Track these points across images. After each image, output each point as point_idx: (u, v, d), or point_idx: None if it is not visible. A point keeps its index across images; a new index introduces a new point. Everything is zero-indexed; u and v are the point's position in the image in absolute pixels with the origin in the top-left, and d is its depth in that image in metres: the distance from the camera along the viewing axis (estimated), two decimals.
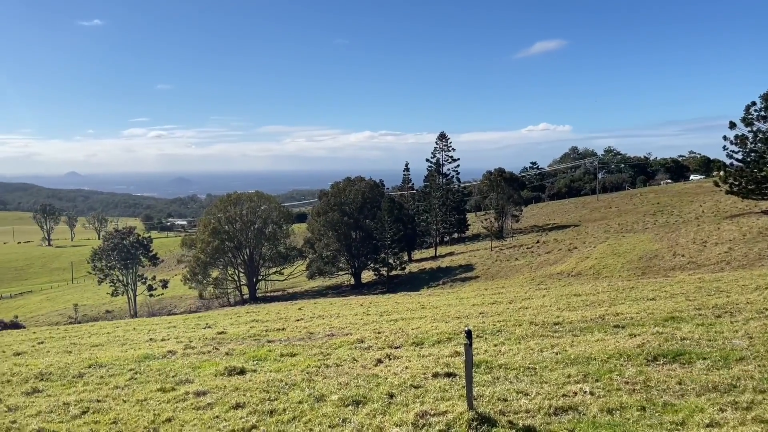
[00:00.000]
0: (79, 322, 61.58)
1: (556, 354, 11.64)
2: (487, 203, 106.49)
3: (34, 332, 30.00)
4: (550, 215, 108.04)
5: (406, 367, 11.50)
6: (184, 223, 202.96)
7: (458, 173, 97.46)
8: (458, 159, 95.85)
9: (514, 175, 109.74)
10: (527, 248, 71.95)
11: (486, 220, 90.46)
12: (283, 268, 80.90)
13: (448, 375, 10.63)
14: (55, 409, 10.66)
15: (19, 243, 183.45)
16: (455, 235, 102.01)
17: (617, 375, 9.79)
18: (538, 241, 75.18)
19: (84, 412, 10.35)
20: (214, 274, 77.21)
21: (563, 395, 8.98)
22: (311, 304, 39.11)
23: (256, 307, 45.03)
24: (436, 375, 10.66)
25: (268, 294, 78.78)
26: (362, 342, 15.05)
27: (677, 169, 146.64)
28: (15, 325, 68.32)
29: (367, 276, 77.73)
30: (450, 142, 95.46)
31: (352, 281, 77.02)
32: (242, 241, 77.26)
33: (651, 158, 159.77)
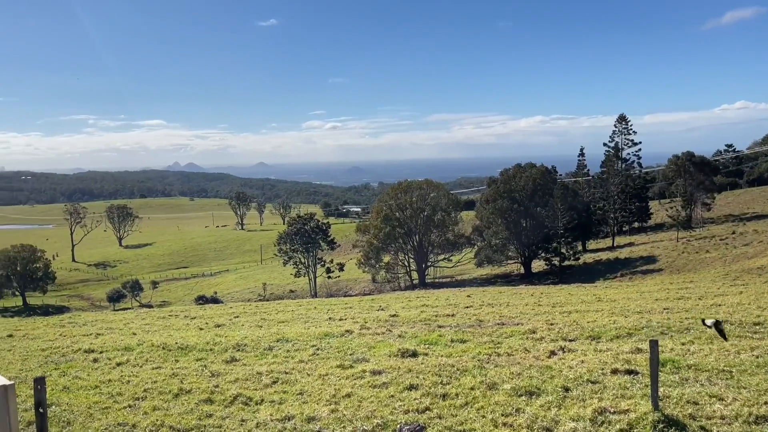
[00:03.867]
0: (267, 300, 67.56)
1: (757, 357, 10.47)
2: (672, 190, 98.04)
3: (231, 307, 33.48)
4: (749, 203, 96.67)
5: (582, 361, 11.06)
6: (358, 209, 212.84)
7: (639, 158, 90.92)
8: (639, 143, 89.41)
9: (705, 159, 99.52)
10: (720, 239, 65.28)
11: (671, 208, 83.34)
12: (452, 255, 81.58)
13: (629, 372, 10.04)
14: (249, 377, 11.84)
15: (217, 227, 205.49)
16: (635, 225, 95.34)
17: None
18: (733, 232, 67.87)
19: (274, 382, 11.37)
20: (386, 259, 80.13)
21: (766, 403, 8.06)
22: (480, 291, 39.01)
23: (426, 292, 45.97)
24: (615, 371, 10.13)
25: (436, 280, 79.98)
26: (534, 333, 14.73)
27: None
28: (215, 300, 77.04)
29: (537, 265, 75.64)
30: (630, 125, 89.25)
31: (522, 270, 75.42)
32: (412, 227, 79.17)
33: None
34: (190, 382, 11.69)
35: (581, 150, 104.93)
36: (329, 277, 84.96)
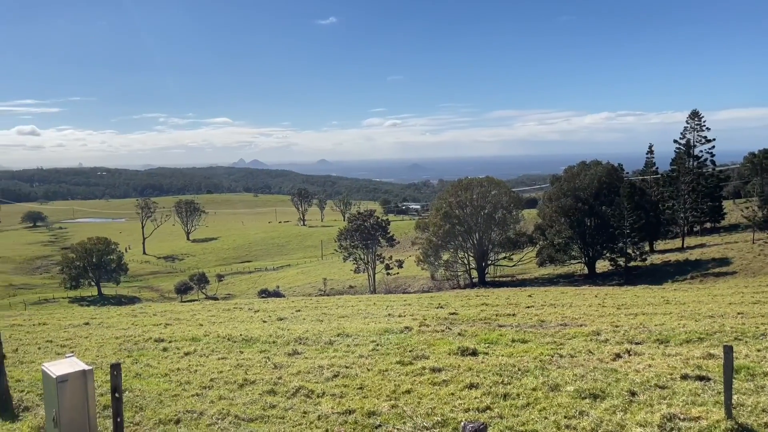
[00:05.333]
0: (327, 295, 68.48)
1: None
2: (748, 189, 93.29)
3: (293, 301, 34.14)
4: None
5: (649, 365, 10.71)
6: (418, 207, 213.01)
7: (713, 155, 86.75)
8: (713, 140, 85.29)
9: None
10: None
11: (747, 208, 79.24)
12: (512, 254, 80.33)
13: (700, 378, 9.66)
14: (311, 371, 12.05)
15: (279, 222, 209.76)
16: (707, 225, 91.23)
17: None
18: None
19: (335, 376, 11.54)
20: (445, 256, 79.66)
21: None
22: (541, 291, 38.30)
23: (485, 291, 45.48)
24: (685, 377, 9.76)
25: (496, 279, 78.96)
26: (598, 334, 14.37)
27: None
28: (276, 294, 78.67)
29: (601, 266, 73.54)
30: (704, 121, 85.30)
31: (585, 270, 73.51)
32: (472, 225, 78.43)
33: None
34: (254, 373, 12.02)
35: (650, 147, 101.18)
36: (388, 274, 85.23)
